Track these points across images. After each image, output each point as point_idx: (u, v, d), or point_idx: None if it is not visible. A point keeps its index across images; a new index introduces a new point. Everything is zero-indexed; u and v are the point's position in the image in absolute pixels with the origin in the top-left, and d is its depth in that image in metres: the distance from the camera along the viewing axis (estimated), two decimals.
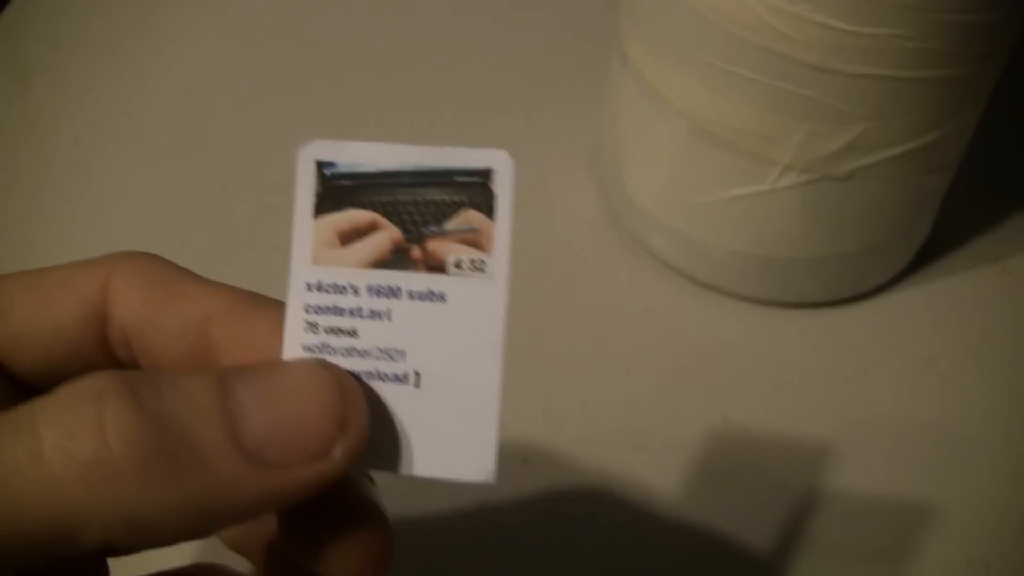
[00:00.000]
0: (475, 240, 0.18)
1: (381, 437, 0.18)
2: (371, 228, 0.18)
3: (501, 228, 0.18)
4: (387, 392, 0.18)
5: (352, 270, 0.18)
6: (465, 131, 0.44)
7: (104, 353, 0.19)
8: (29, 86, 0.45)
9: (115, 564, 0.20)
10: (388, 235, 0.18)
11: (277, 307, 0.19)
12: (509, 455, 0.34)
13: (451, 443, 0.18)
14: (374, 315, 0.18)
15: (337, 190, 0.18)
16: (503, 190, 0.18)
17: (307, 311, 0.18)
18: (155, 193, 0.41)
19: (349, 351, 0.18)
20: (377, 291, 0.18)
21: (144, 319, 0.19)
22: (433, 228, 0.18)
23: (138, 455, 0.15)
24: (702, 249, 0.37)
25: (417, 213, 0.18)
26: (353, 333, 0.18)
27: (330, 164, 0.18)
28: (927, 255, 0.40)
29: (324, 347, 0.18)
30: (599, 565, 0.32)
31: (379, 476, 0.21)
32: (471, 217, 0.18)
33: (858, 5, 0.29)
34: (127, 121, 0.44)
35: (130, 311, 0.19)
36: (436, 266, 0.18)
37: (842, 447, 0.35)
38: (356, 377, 0.18)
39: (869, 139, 0.32)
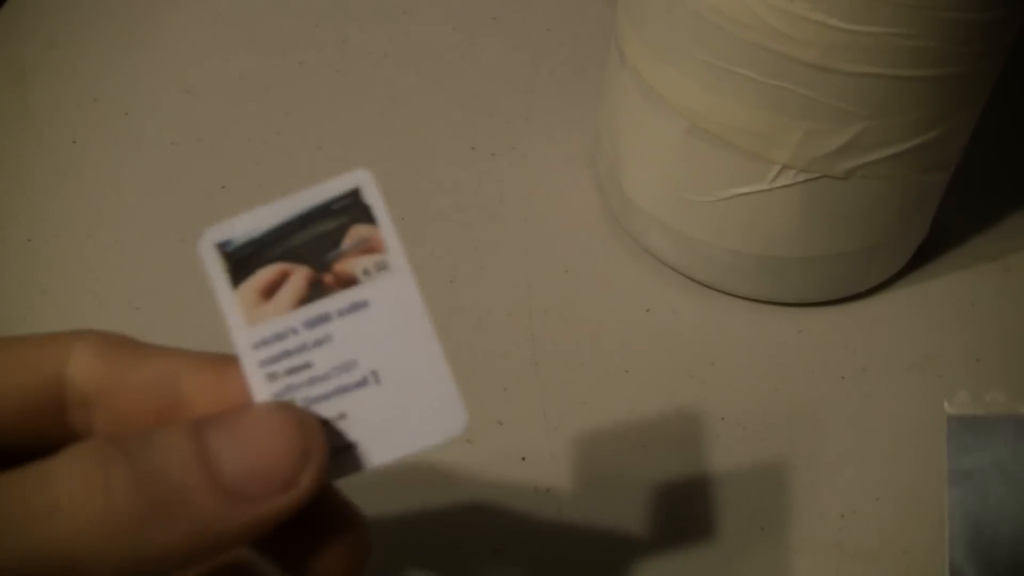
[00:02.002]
0: (370, 247, 0.20)
1: (364, 438, 0.20)
2: (283, 277, 0.20)
3: (385, 228, 0.20)
4: (356, 399, 0.20)
5: (283, 317, 0.20)
6: (464, 130, 0.44)
7: (59, 417, 0.21)
8: (26, 85, 0.45)
9: None
10: (300, 276, 0.20)
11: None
12: (508, 454, 0.34)
13: (423, 415, 0.20)
14: (318, 343, 0.20)
15: (242, 260, 0.20)
16: (373, 198, 0.20)
17: (262, 366, 0.20)
18: (153, 192, 0.41)
19: (311, 381, 0.20)
20: (312, 323, 0.20)
21: (109, 380, 0.21)
22: (333, 253, 0.20)
23: (138, 508, 0.18)
24: (700, 248, 0.37)
25: (315, 248, 0.20)
26: (308, 365, 0.20)
27: (227, 242, 0.20)
28: (926, 254, 0.40)
29: (289, 387, 0.20)
30: (598, 564, 0.32)
31: (375, 477, 0.21)
32: (359, 231, 0.20)
33: (857, 3, 0.28)
34: (124, 120, 0.43)
35: (92, 375, 0.21)
36: (349, 281, 0.20)
37: (841, 446, 0.35)
38: (322, 399, 0.20)
39: (868, 138, 0.32)
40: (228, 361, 0.21)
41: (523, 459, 0.34)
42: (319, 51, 0.47)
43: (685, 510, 0.33)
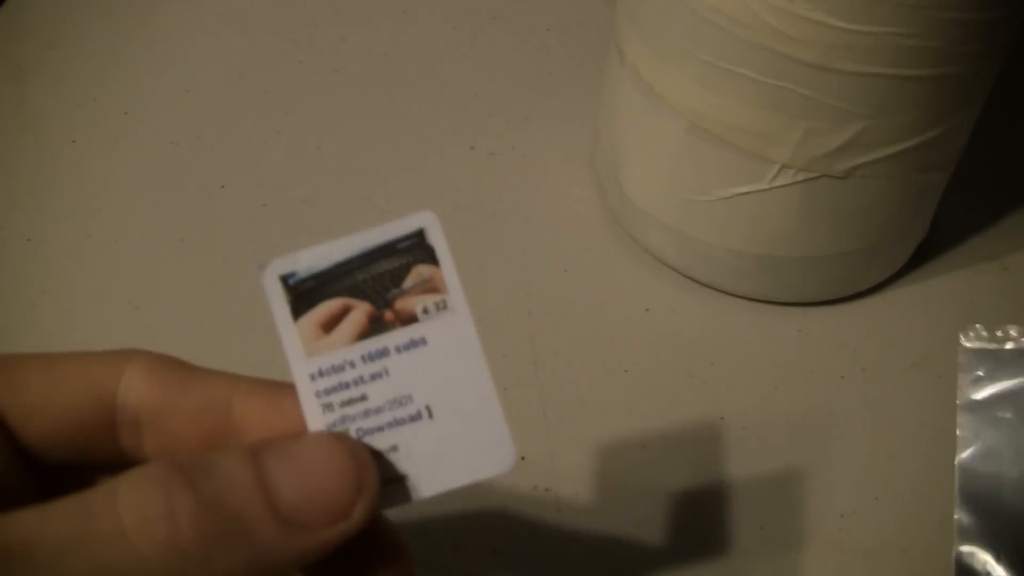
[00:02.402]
0: (431, 287, 0.21)
1: (414, 470, 0.21)
2: (345, 311, 0.21)
3: (447, 269, 0.21)
4: (409, 432, 0.21)
5: (343, 350, 0.21)
6: (463, 129, 0.44)
7: (108, 435, 0.21)
8: (26, 85, 0.45)
9: None
10: (361, 311, 0.21)
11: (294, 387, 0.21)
12: None
13: (474, 450, 0.21)
14: (374, 377, 0.21)
15: (305, 292, 0.21)
16: (437, 240, 0.21)
17: (318, 396, 0.21)
18: (153, 192, 0.41)
19: (366, 413, 0.21)
20: (370, 357, 0.21)
21: (160, 402, 0.21)
22: (395, 291, 0.21)
23: (202, 535, 0.18)
24: (700, 248, 0.37)
25: (377, 285, 0.21)
26: (364, 398, 0.21)
27: (291, 274, 0.21)
28: (925, 253, 0.40)
29: (344, 419, 0.21)
30: (598, 564, 0.32)
31: None
32: (421, 271, 0.21)
33: (856, 3, 0.28)
34: (124, 120, 0.43)
35: (146, 396, 0.21)
36: (408, 319, 0.21)
37: (840, 445, 0.35)
38: (376, 431, 0.21)
39: (867, 137, 0.32)
40: (280, 388, 0.21)
41: (523, 458, 0.34)
42: (319, 51, 0.47)
43: (684, 509, 0.33)
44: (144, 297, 0.37)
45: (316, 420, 0.21)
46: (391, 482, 0.21)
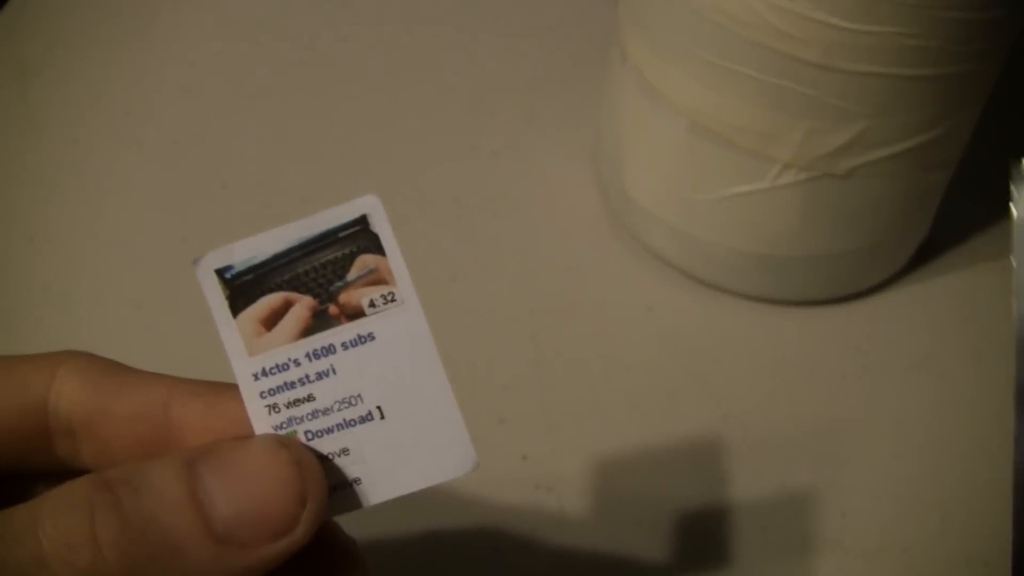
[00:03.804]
0: (377, 278, 0.20)
1: (366, 474, 0.20)
2: (286, 306, 0.20)
3: (394, 259, 0.20)
4: (360, 434, 0.20)
5: (285, 347, 0.20)
6: (465, 129, 0.44)
7: (42, 444, 0.20)
8: (28, 84, 0.45)
9: None
10: (303, 305, 0.20)
11: (237, 388, 0.20)
12: (509, 453, 0.34)
13: (430, 452, 0.20)
14: (320, 375, 0.20)
15: (243, 287, 0.20)
16: (381, 227, 0.20)
17: (263, 397, 0.20)
18: (154, 191, 0.41)
19: (313, 414, 0.20)
20: (315, 354, 0.20)
21: (94, 408, 0.20)
22: (339, 283, 0.20)
23: (128, 560, 0.17)
24: (702, 247, 0.37)
25: (320, 277, 0.20)
26: (310, 398, 0.20)
27: (227, 268, 0.20)
28: (927, 253, 0.40)
29: (291, 420, 0.20)
30: (598, 563, 0.32)
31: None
32: (366, 260, 0.20)
33: (858, 3, 0.29)
34: (126, 119, 0.43)
35: (78, 402, 0.20)
36: (354, 313, 0.20)
37: (841, 445, 0.35)
38: (325, 433, 0.20)
39: (869, 137, 0.32)
40: (222, 389, 0.20)
41: (524, 457, 0.34)
42: (320, 51, 0.47)
43: (686, 509, 0.33)
44: (145, 296, 0.37)
45: (261, 422, 0.20)
46: (341, 487, 0.20)
